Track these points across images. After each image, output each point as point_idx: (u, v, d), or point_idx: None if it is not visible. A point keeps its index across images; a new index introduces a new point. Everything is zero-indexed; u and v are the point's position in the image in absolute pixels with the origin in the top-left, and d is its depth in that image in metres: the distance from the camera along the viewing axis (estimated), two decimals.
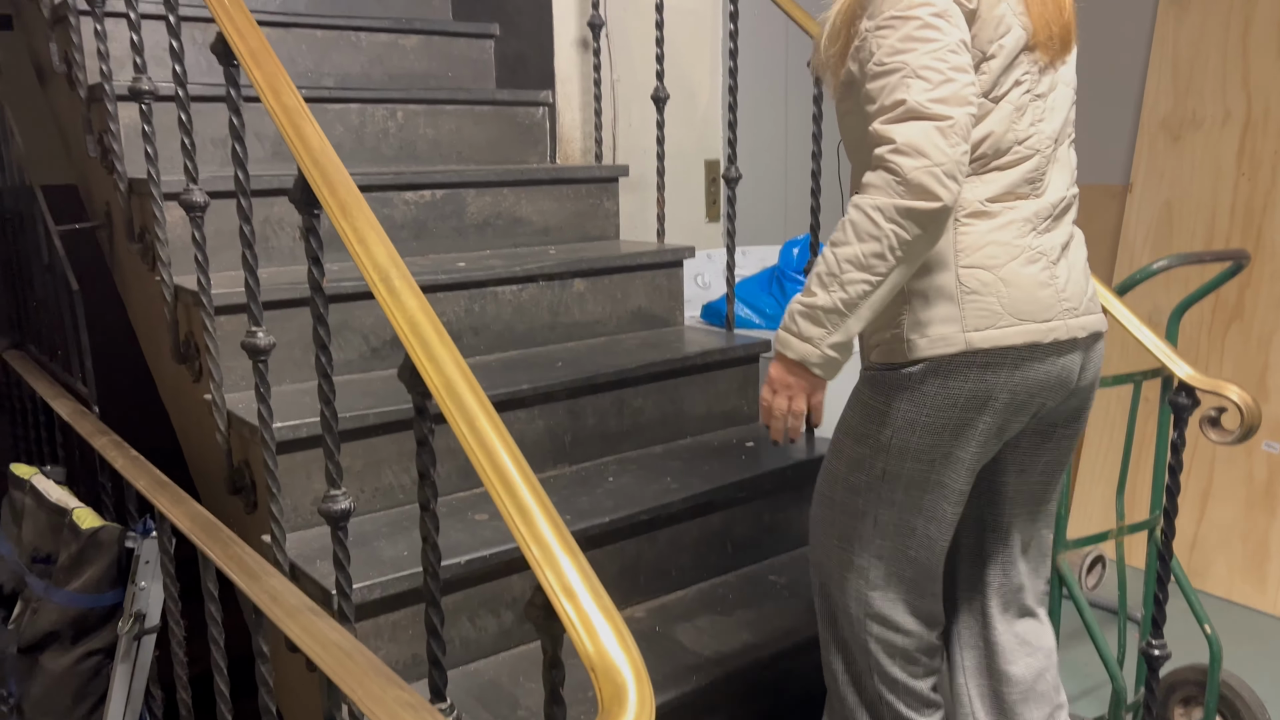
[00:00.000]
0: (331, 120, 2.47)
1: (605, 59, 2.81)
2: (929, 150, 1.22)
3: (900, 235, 1.24)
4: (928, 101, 1.23)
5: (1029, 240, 1.36)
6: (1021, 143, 1.36)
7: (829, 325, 1.30)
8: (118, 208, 2.15)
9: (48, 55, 2.47)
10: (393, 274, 1.13)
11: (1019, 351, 1.35)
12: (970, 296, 1.34)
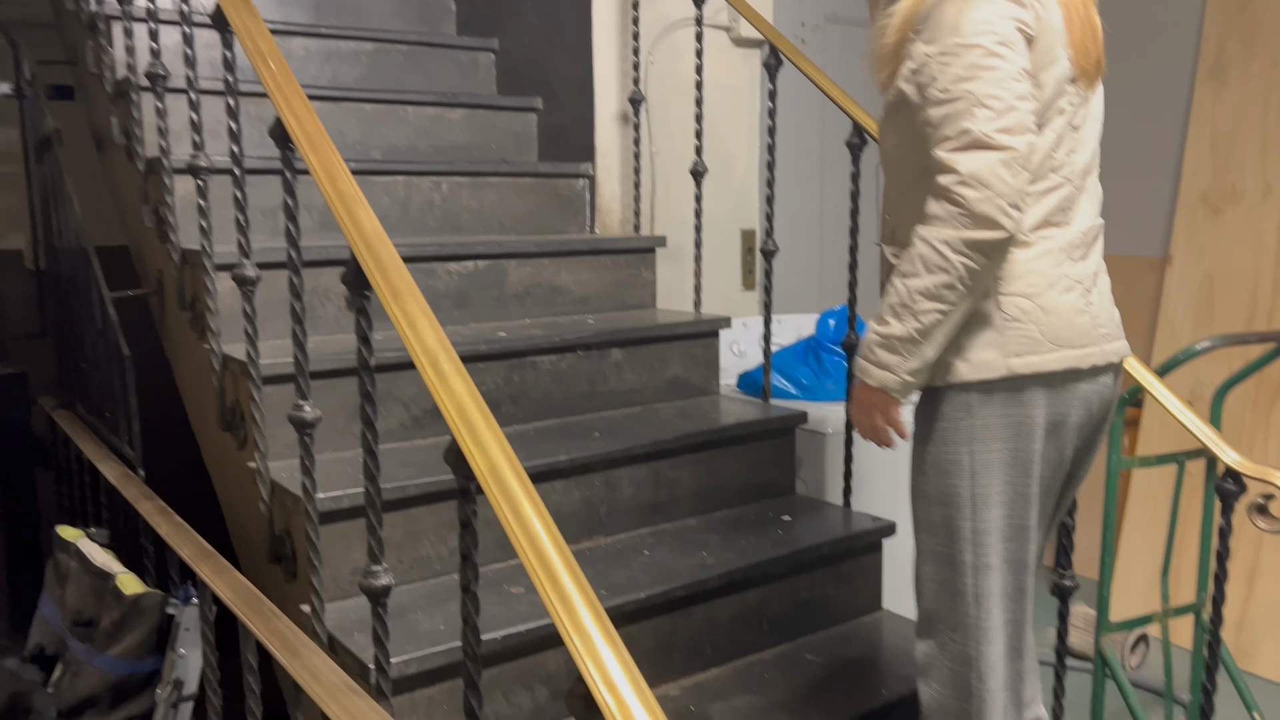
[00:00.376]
0: (378, 192, 2.53)
1: (645, 132, 2.86)
2: (993, 182, 1.27)
3: (968, 265, 1.30)
4: (993, 132, 1.27)
5: (1065, 269, 1.40)
6: (1056, 171, 1.40)
7: (904, 353, 1.37)
8: (170, 276, 2.22)
9: (108, 127, 2.56)
10: (441, 358, 1.16)
11: (1059, 377, 1.40)
12: (1011, 324, 1.38)
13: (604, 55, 2.81)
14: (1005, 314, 1.38)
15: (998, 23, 1.30)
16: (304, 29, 2.85)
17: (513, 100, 3.00)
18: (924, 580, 1.50)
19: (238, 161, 1.72)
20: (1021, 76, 1.30)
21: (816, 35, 3.21)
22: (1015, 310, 1.38)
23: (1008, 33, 1.30)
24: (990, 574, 1.42)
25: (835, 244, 3.35)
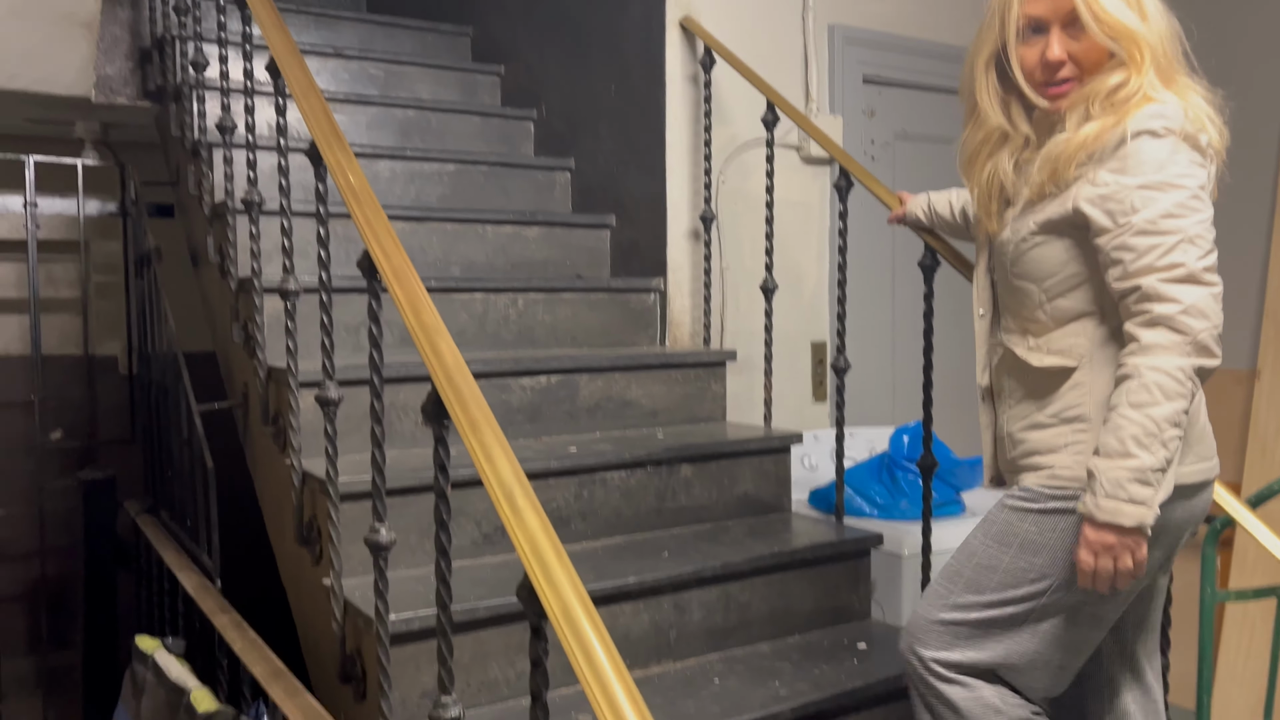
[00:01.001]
0: (457, 309, 2.60)
1: (715, 248, 2.91)
2: (1211, 314, 1.36)
3: (1194, 390, 1.37)
4: (1203, 270, 1.36)
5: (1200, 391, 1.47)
6: None
7: (1155, 484, 1.37)
8: (255, 391, 2.29)
9: (204, 245, 2.69)
10: (516, 493, 1.17)
11: (1198, 488, 1.48)
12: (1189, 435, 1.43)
13: (676, 174, 2.88)
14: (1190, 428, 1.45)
15: (1198, 172, 1.41)
16: (390, 152, 2.98)
17: (587, 217, 3.09)
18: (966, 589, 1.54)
19: (326, 287, 1.79)
20: (1212, 224, 1.41)
21: (886, 152, 3.25)
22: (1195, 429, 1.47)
23: (1203, 178, 1.42)
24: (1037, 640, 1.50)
25: (907, 356, 3.32)
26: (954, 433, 3.14)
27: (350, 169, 1.61)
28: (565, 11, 3.25)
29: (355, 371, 2.14)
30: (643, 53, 2.90)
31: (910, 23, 3.28)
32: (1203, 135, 1.43)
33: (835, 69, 3.07)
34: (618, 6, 2.99)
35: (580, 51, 3.20)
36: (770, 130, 2.64)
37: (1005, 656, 1.51)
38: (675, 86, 2.85)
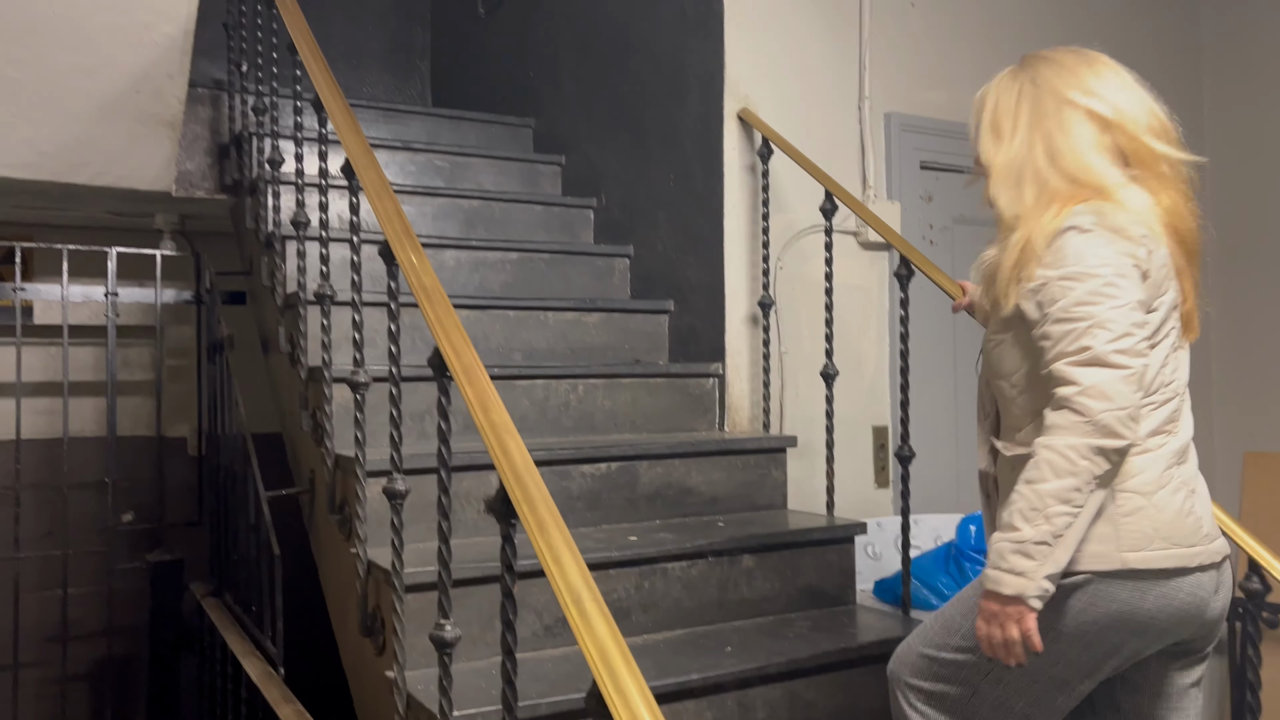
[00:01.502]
0: (519, 396, 2.63)
1: (774, 333, 2.92)
2: (1113, 395, 1.39)
3: (1092, 470, 1.40)
4: (1111, 352, 1.40)
5: (1173, 472, 1.51)
6: (1166, 386, 1.53)
7: (1039, 557, 1.42)
8: (322, 479, 2.33)
9: (275, 334, 2.77)
10: (584, 597, 1.17)
11: (1168, 574, 1.47)
12: (1126, 519, 1.47)
13: (734, 260, 2.91)
14: (1121, 509, 1.47)
15: (1116, 259, 1.46)
16: (456, 242, 3.06)
17: (646, 303, 3.12)
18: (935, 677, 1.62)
19: (395, 380, 1.83)
20: (1137, 307, 1.45)
21: (945, 237, 3.25)
22: (1130, 506, 1.47)
23: (1125, 268, 1.46)
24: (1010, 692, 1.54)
25: (970, 442, 3.26)
26: None
27: (422, 269, 1.66)
28: (625, 104, 3.34)
29: (420, 460, 2.17)
30: (701, 144, 2.96)
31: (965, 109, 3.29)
32: (1135, 228, 1.48)
33: (892, 156, 3.10)
34: (676, 100, 3.07)
35: (639, 142, 3.27)
36: (828, 219, 2.67)
37: (970, 696, 1.58)
38: (733, 176, 2.90)
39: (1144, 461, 1.49)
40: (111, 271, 3.72)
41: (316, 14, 3.18)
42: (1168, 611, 1.48)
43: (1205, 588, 1.51)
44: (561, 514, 1.28)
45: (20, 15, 2.63)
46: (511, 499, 1.31)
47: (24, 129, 3.00)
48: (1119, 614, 1.47)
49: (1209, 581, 1.51)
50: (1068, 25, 3.60)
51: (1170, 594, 1.47)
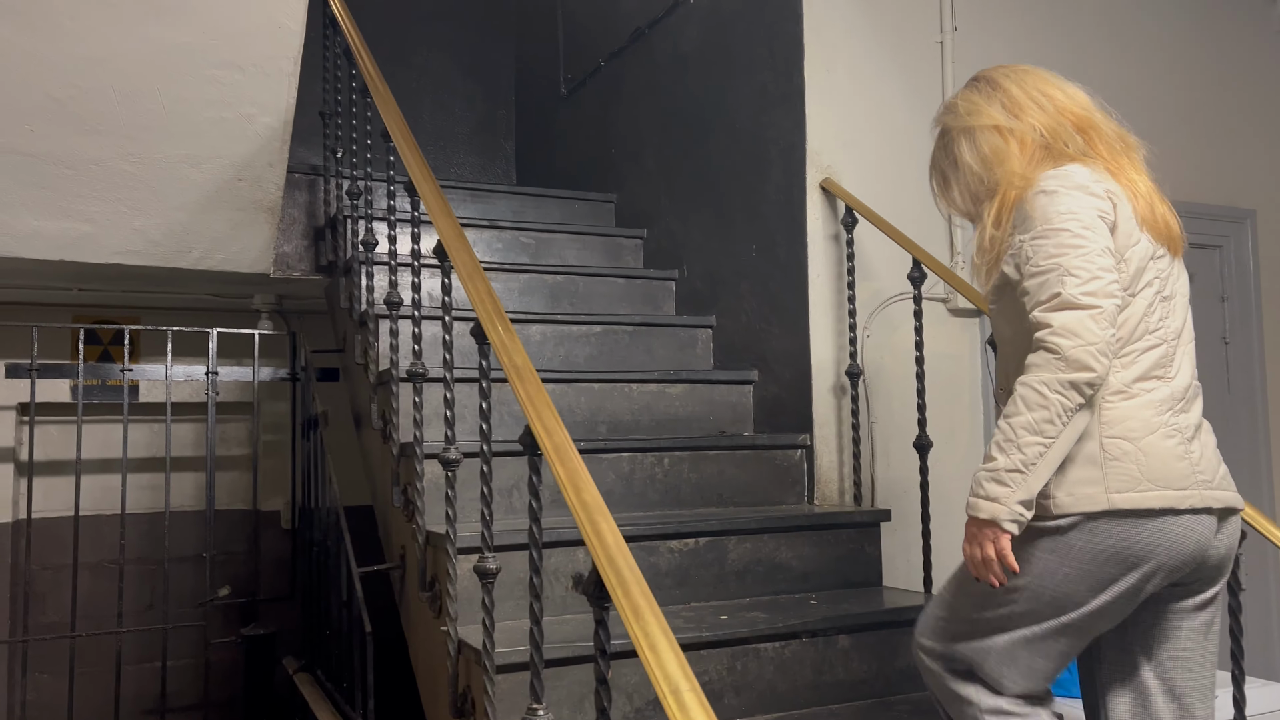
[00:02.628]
0: (604, 469, 2.62)
1: (862, 402, 2.86)
2: (1082, 332, 1.49)
3: (1064, 403, 1.49)
4: (1079, 295, 1.50)
5: (1165, 418, 1.57)
6: (1152, 333, 1.60)
7: (1011, 484, 1.51)
8: (412, 556, 2.34)
9: (368, 411, 2.83)
10: (683, 687, 1.14)
11: (1157, 514, 1.53)
12: (1113, 463, 1.54)
13: (820, 329, 2.88)
14: (1108, 454, 1.55)
15: (1081, 211, 1.56)
16: (541, 317, 3.11)
17: (730, 374, 3.11)
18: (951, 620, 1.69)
19: (486, 458, 1.84)
20: (1105, 253, 1.54)
21: None
22: (1117, 451, 1.54)
23: (1090, 218, 1.55)
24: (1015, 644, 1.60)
25: None
26: None
27: (514, 348, 1.67)
28: (706, 178, 3.37)
29: (509, 536, 2.17)
30: (784, 214, 2.96)
31: None
32: (1097, 185, 1.59)
33: None
34: (758, 172, 3.09)
35: (721, 214, 3.29)
36: (917, 286, 2.63)
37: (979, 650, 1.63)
38: (817, 245, 2.88)
39: (1131, 407, 1.56)
40: (212, 351, 3.87)
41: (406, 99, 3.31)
42: (1162, 548, 1.54)
43: (1200, 530, 1.56)
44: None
45: (135, 114, 2.79)
46: (605, 582, 1.29)
47: (136, 218, 3.17)
48: (1114, 550, 1.53)
49: (1206, 525, 1.56)
50: (1150, 76, 3.53)
51: (1161, 531, 1.53)
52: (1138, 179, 1.66)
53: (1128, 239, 1.59)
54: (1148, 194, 1.64)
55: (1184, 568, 1.57)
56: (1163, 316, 1.62)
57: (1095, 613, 1.56)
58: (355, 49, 2.81)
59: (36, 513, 3.81)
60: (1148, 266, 1.61)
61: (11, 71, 2.57)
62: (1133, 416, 1.56)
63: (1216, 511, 1.58)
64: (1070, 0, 3.36)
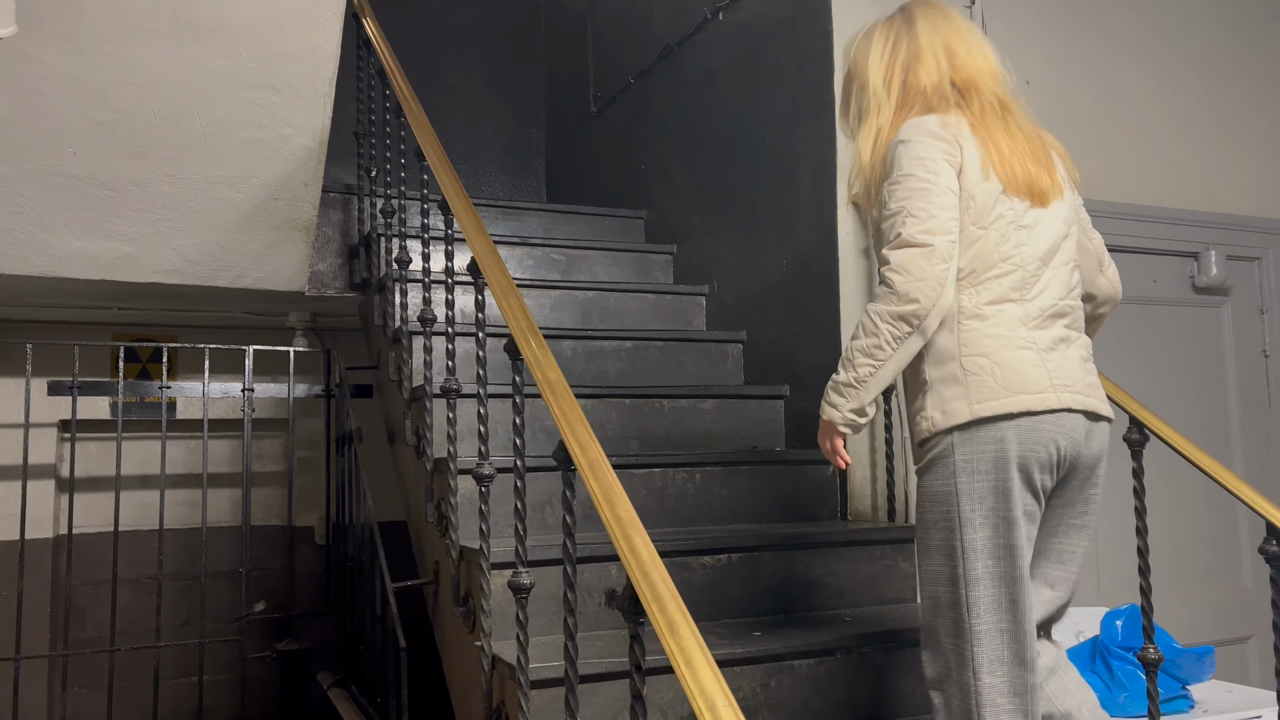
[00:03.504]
0: (636, 484, 2.63)
1: (895, 418, 2.84)
2: (913, 269, 1.66)
3: (893, 331, 1.69)
4: (916, 234, 1.68)
5: (1020, 334, 1.71)
6: (1006, 260, 1.74)
7: (846, 396, 1.77)
8: (446, 571, 2.36)
9: (401, 426, 2.85)
10: (719, 703, 1.13)
11: (1020, 422, 1.67)
12: (972, 378, 1.69)
13: None
14: (968, 371, 1.70)
15: (929, 157, 1.72)
16: (572, 332, 3.12)
17: (761, 389, 3.10)
18: (926, 597, 1.77)
19: (520, 473, 1.85)
20: (946, 193, 1.70)
21: None
22: (975, 368, 1.70)
23: (936, 163, 1.72)
24: (979, 585, 1.67)
25: (1108, 531, 3.10)
26: (1173, 615, 2.88)
27: (547, 364, 1.69)
28: (735, 193, 3.38)
29: (542, 551, 2.18)
30: (815, 229, 2.96)
31: (1088, 185, 3.18)
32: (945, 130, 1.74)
33: None
34: (788, 187, 3.09)
35: (751, 230, 3.29)
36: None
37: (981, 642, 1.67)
38: (848, 260, 2.87)
39: (985, 327, 1.71)
40: (248, 368, 3.92)
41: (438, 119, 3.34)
42: (1028, 446, 1.67)
43: (1065, 428, 1.70)
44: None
45: (174, 136, 2.84)
46: (640, 597, 1.30)
47: (175, 238, 3.23)
48: (989, 455, 1.67)
49: (1071, 423, 1.71)
50: (1182, 89, 3.50)
51: (1024, 430, 1.67)
52: (1001, 138, 1.78)
53: (975, 179, 1.74)
54: (1010, 154, 1.77)
55: (1059, 465, 1.72)
56: (1018, 244, 1.75)
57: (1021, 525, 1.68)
58: (389, 70, 2.85)
59: (76, 528, 3.87)
60: (998, 201, 1.75)
61: (56, 96, 2.64)
62: (988, 335, 1.70)
63: (1080, 413, 1.72)
64: (1102, 13, 3.34)
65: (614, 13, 4.42)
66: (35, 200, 2.98)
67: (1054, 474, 1.72)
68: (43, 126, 2.73)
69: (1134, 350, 3.26)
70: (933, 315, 1.66)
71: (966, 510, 1.68)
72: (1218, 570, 3.34)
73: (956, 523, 1.69)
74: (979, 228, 1.72)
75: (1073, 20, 3.28)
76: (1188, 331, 3.39)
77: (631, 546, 1.35)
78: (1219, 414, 3.41)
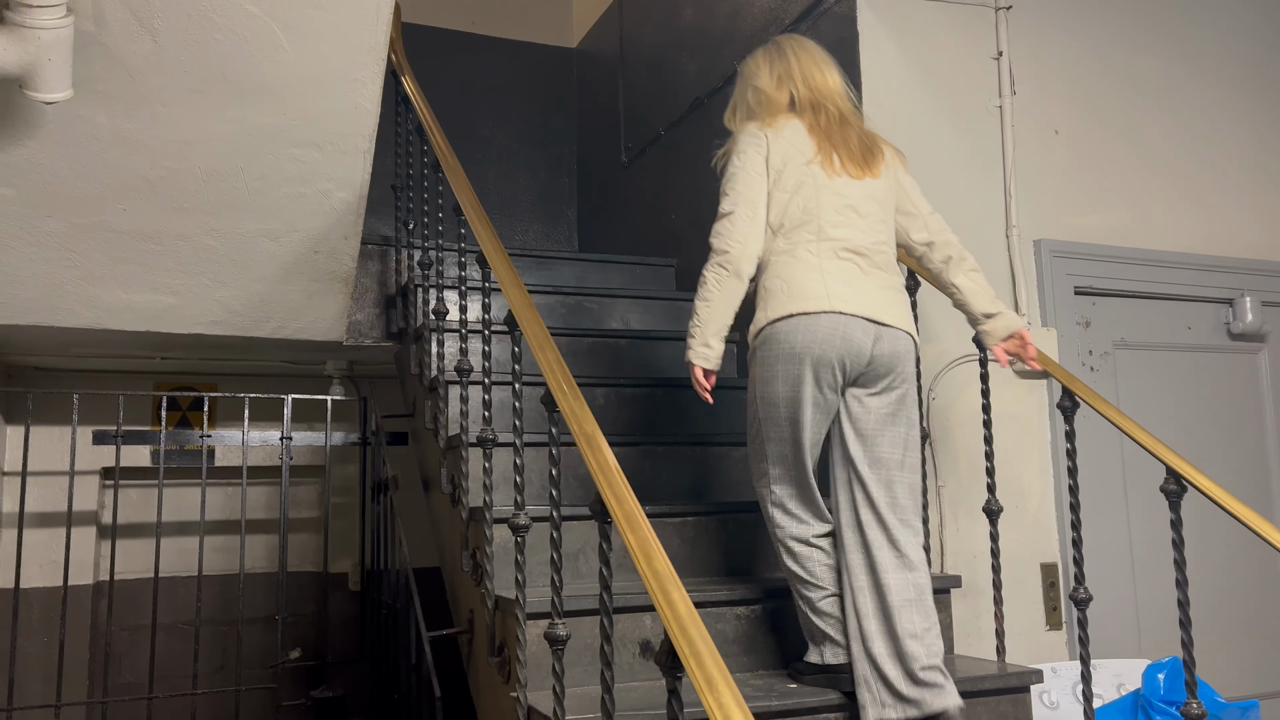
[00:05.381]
0: (670, 533, 2.63)
1: (930, 466, 2.84)
2: (723, 233, 2.23)
3: (714, 277, 2.22)
4: (727, 207, 2.25)
5: (811, 264, 2.19)
6: (804, 211, 2.22)
7: (695, 334, 2.26)
8: (481, 620, 2.37)
9: (437, 475, 2.88)
10: None
11: (799, 320, 2.14)
12: (772, 296, 2.20)
13: None
14: (770, 291, 2.20)
15: (746, 150, 2.28)
16: (605, 380, 3.16)
17: None
18: (750, 439, 2.28)
19: (556, 524, 1.87)
20: (753, 171, 2.25)
21: (1106, 362, 3.13)
22: (775, 288, 2.19)
23: (749, 155, 2.27)
24: (773, 444, 2.21)
25: (1148, 581, 3.06)
26: (1216, 667, 2.83)
27: (583, 417, 1.71)
28: None
29: (578, 602, 2.19)
30: None
31: (1120, 233, 3.24)
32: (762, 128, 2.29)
33: (1045, 283, 3.04)
34: None
35: None
36: (982, 349, 2.61)
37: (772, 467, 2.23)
38: None
39: (785, 260, 2.20)
40: (287, 416, 3.98)
41: (472, 169, 3.42)
42: (813, 340, 2.12)
43: (844, 329, 2.13)
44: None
45: (219, 191, 2.93)
46: (678, 652, 1.30)
47: (217, 290, 3.30)
48: (784, 350, 2.14)
49: (851, 326, 2.13)
50: (1213, 136, 3.51)
51: (808, 329, 2.12)
52: (835, 136, 2.29)
53: (785, 151, 2.25)
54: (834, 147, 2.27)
55: (846, 359, 2.14)
56: (819, 205, 2.22)
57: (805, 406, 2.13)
58: (427, 126, 2.92)
59: (116, 575, 3.93)
60: (807, 176, 2.24)
61: (108, 155, 2.73)
62: (786, 266, 2.20)
63: (860, 318, 2.15)
64: (1130, 62, 3.37)
65: (644, 66, 4.51)
66: (85, 255, 3.08)
67: (839, 368, 2.15)
68: (94, 184, 2.82)
69: (1171, 397, 3.24)
70: (742, 261, 2.19)
71: (770, 393, 2.17)
72: (1261, 622, 3.27)
73: (765, 401, 2.19)
74: (786, 194, 2.24)
75: (1100, 70, 3.30)
76: (1225, 378, 3.37)
77: (669, 601, 1.36)
78: (1258, 461, 3.37)
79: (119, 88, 2.53)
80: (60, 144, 2.66)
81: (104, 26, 2.34)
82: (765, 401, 2.19)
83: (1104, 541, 3.02)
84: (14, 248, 3.01)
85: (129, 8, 2.31)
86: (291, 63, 2.54)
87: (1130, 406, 3.08)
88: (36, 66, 2.22)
